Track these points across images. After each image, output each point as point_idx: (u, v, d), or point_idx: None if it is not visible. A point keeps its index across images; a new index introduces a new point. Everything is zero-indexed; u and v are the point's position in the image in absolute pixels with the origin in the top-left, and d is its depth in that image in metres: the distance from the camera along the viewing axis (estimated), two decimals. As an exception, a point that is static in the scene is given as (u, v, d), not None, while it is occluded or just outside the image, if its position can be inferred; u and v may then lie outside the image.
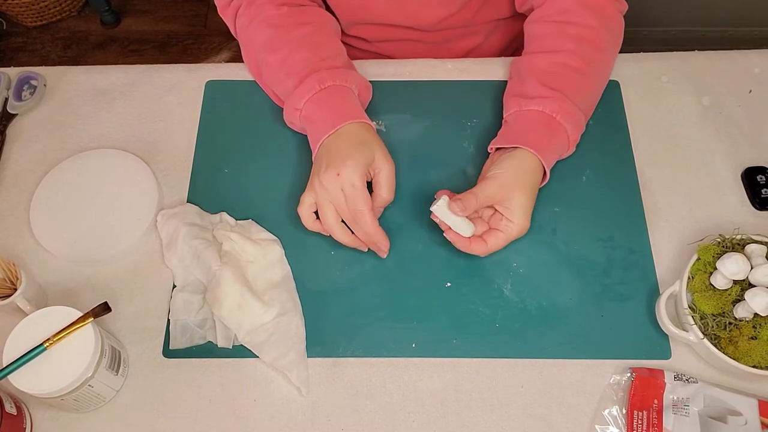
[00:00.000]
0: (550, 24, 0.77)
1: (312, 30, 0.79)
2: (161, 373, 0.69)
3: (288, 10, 0.79)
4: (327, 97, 0.73)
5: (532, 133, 0.71)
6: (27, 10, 1.95)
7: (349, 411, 0.67)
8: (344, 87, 0.75)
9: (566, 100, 0.72)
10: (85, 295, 0.73)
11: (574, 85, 0.74)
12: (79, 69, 0.89)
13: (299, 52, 0.76)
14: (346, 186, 0.68)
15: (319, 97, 0.73)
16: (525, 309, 0.71)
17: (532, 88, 0.74)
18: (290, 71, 0.76)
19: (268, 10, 0.79)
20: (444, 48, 0.94)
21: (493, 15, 0.91)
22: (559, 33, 0.76)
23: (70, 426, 0.66)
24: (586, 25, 0.75)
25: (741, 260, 0.64)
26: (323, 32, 0.80)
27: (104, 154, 0.80)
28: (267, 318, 0.69)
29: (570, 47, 0.75)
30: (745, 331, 0.64)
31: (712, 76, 0.86)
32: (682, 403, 0.65)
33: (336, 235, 0.70)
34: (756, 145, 0.81)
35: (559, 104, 0.72)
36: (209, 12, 2.07)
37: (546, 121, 0.72)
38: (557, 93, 0.72)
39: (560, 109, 0.72)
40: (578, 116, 0.73)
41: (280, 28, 0.78)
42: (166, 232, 0.74)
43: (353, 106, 0.74)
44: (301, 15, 0.80)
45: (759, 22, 1.51)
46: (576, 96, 0.73)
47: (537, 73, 0.75)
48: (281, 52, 0.77)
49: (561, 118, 0.71)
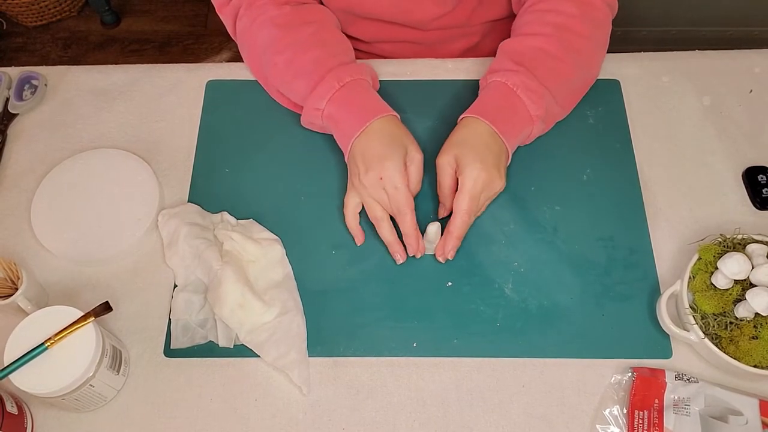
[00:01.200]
0: (532, 13, 0.79)
1: (316, 28, 0.79)
2: (162, 372, 0.69)
3: (290, 9, 0.79)
4: (348, 93, 0.74)
5: (488, 103, 0.73)
6: (27, 10, 1.95)
7: (349, 410, 0.67)
8: (363, 80, 0.76)
9: (531, 78, 0.73)
10: (86, 295, 0.73)
11: (544, 66, 0.75)
12: (80, 69, 0.89)
13: (308, 52, 0.76)
14: (389, 188, 0.70)
15: (340, 95, 0.74)
16: (526, 308, 0.71)
17: (500, 63, 0.76)
18: (301, 72, 0.76)
19: (269, 10, 0.79)
20: (441, 48, 0.94)
21: (489, 16, 0.91)
22: (537, 20, 0.77)
23: (71, 425, 0.66)
24: (566, 13, 0.76)
25: (742, 260, 0.64)
26: (327, 29, 0.80)
27: (105, 154, 0.80)
28: (268, 317, 0.69)
29: (547, 32, 0.76)
30: (746, 330, 0.64)
31: (712, 76, 0.86)
32: (683, 402, 0.65)
33: (384, 228, 0.72)
34: (756, 145, 0.81)
35: (522, 79, 0.73)
36: (209, 12, 2.07)
37: (505, 92, 0.73)
38: (522, 68, 0.74)
39: (521, 84, 0.73)
40: (541, 93, 0.73)
41: (284, 28, 0.78)
42: (167, 231, 0.74)
43: (375, 100, 0.75)
44: (303, 14, 0.80)
45: (759, 22, 1.51)
46: (547, 78, 0.74)
47: (508, 52, 0.77)
48: (288, 52, 0.77)
49: (521, 92, 0.72)
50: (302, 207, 0.78)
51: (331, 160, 0.80)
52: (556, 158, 0.80)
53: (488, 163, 0.69)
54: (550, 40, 0.75)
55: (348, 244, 0.75)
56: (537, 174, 0.79)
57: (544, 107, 0.73)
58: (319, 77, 0.74)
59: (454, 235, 0.70)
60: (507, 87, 0.73)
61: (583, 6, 0.77)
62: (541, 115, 0.73)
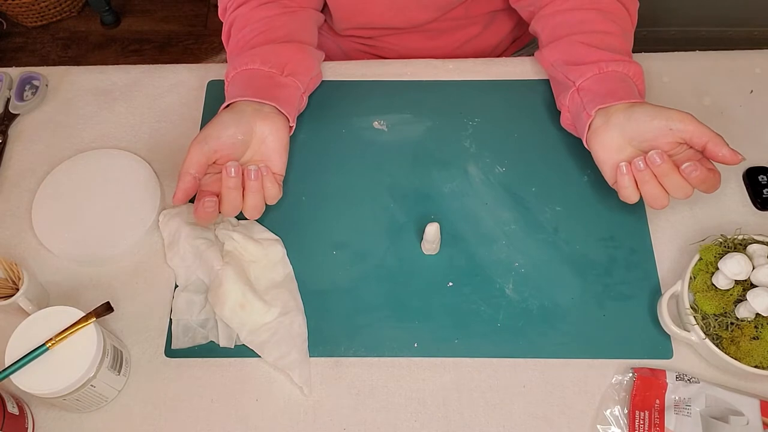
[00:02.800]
0: (582, 11, 0.78)
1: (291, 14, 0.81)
2: (163, 373, 0.69)
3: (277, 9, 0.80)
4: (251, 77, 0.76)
5: (600, 89, 0.73)
6: (27, 10, 1.95)
7: (350, 410, 0.67)
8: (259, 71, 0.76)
9: (633, 63, 0.74)
10: (87, 295, 0.73)
11: (626, 44, 0.76)
12: (81, 69, 0.89)
13: (264, 21, 0.79)
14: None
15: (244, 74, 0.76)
16: (527, 308, 0.71)
17: (598, 54, 0.74)
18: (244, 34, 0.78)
19: (261, 11, 0.80)
20: (443, 38, 0.94)
21: (488, 7, 0.92)
22: (590, 6, 0.78)
23: (72, 426, 0.66)
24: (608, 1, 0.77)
25: (743, 260, 0.64)
26: (297, 16, 0.82)
27: (106, 154, 0.80)
28: (269, 318, 0.69)
29: (590, 16, 0.77)
30: (746, 331, 0.64)
31: (713, 76, 0.86)
32: (684, 403, 0.65)
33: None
34: (757, 146, 0.81)
35: (634, 68, 0.74)
36: (209, 12, 2.07)
37: (625, 79, 0.74)
38: (624, 56, 0.75)
39: (635, 73, 0.74)
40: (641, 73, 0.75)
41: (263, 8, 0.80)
42: (168, 231, 0.74)
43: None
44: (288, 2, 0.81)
45: (759, 22, 1.51)
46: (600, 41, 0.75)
47: (593, 44, 0.76)
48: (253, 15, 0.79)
49: (637, 81, 0.74)
50: (303, 207, 0.78)
51: (331, 160, 0.80)
52: (557, 159, 0.80)
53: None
54: (593, 15, 0.77)
55: (349, 244, 0.75)
56: (538, 174, 0.79)
57: (625, 46, 0.76)
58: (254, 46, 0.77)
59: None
60: (627, 77, 0.73)
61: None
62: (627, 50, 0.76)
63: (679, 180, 0.65)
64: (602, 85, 0.73)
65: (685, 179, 0.65)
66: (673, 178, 0.65)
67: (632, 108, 0.69)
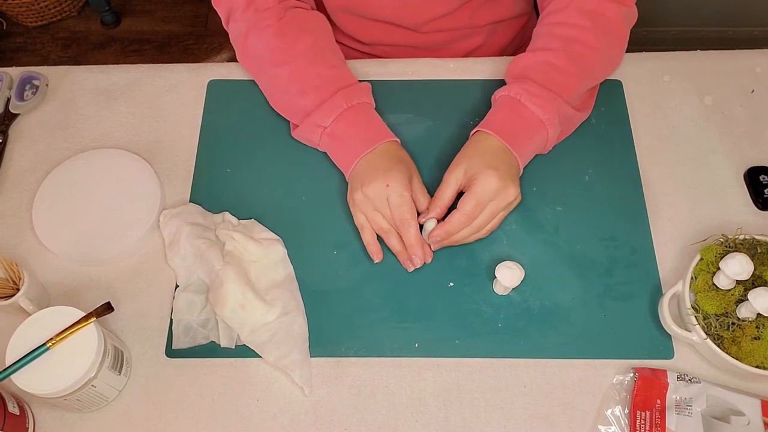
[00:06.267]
0: (544, 26, 0.79)
1: (315, 39, 0.79)
2: (164, 373, 0.69)
3: (287, 18, 0.78)
4: (355, 114, 0.75)
5: (496, 117, 0.74)
6: (27, 10, 1.95)
7: (351, 411, 0.67)
8: (368, 104, 0.77)
9: (533, 84, 0.73)
10: (87, 295, 0.73)
11: (549, 76, 0.74)
12: (81, 69, 0.89)
13: (310, 66, 0.77)
14: (393, 196, 0.70)
15: (347, 114, 0.74)
16: (527, 309, 0.71)
17: (507, 80, 0.77)
18: (305, 87, 0.76)
19: (266, 18, 0.78)
20: (444, 50, 0.94)
21: (492, 17, 0.91)
22: (547, 33, 0.78)
23: (72, 426, 0.66)
24: (578, 26, 0.76)
25: (744, 260, 0.63)
26: (325, 39, 0.81)
27: (106, 154, 0.80)
28: (270, 318, 0.69)
29: (555, 46, 0.76)
30: (748, 331, 0.64)
31: (714, 76, 0.86)
32: (685, 403, 0.65)
33: (392, 239, 0.72)
34: (758, 145, 0.81)
35: (524, 87, 0.73)
36: (209, 12, 2.07)
37: (510, 104, 0.74)
38: (527, 80, 0.74)
39: (524, 91, 0.73)
40: (547, 96, 0.73)
41: (283, 38, 0.77)
42: (169, 231, 0.74)
43: (380, 124, 0.77)
44: (301, 21, 0.79)
45: (760, 22, 1.51)
46: (553, 85, 0.74)
47: (517, 68, 0.77)
48: (289, 65, 0.77)
49: (525, 99, 0.72)
50: (304, 207, 0.78)
51: (332, 160, 0.80)
52: (557, 158, 0.80)
53: (501, 171, 0.69)
54: (557, 54, 0.75)
55: (349, 244, 0.75)
56: (539, 174, 0.79)
57: (554, 110, 0.73)
58: (328, 94, 0.75)
59: (445, 227, 0.69)
60: (510, 98, 0.74)
61: (595, 18, 0.76)
62: (551, 118, 0.73)
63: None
64: (491, 111, 0.76)
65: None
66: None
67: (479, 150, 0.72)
